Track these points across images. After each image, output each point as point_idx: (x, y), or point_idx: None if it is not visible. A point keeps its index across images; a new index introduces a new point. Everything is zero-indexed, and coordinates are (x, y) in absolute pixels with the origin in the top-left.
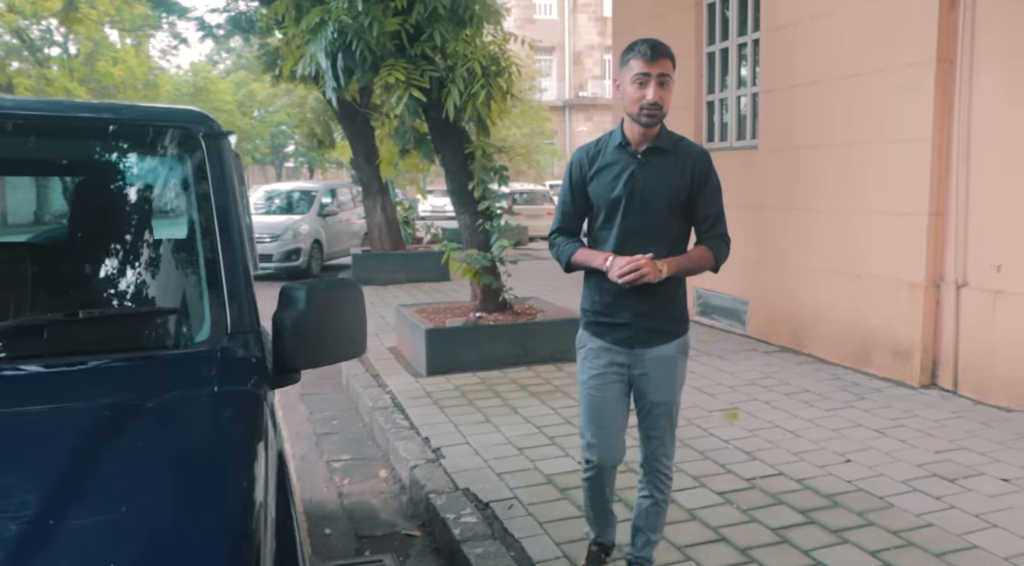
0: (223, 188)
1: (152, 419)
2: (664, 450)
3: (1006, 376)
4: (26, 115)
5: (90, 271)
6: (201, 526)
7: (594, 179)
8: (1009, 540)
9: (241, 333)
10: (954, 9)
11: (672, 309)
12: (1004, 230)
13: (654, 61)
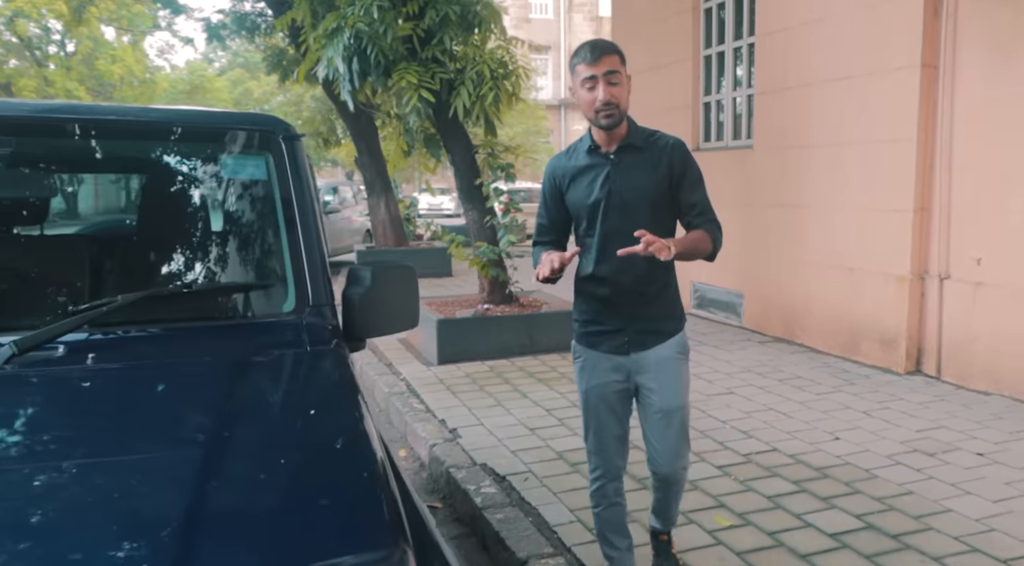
0: (300, 182)
1: (266, 369)
2: (680, 461)
3: (985, 362)
4: (137, 121)
5: (196, 253)
6: (342, 448)
7: (570, 187)
8: (981, 505)
9: (319, 305)
10: (937, 17)
11: (663, 307)
12: (984, 225)
13: (596, 61)
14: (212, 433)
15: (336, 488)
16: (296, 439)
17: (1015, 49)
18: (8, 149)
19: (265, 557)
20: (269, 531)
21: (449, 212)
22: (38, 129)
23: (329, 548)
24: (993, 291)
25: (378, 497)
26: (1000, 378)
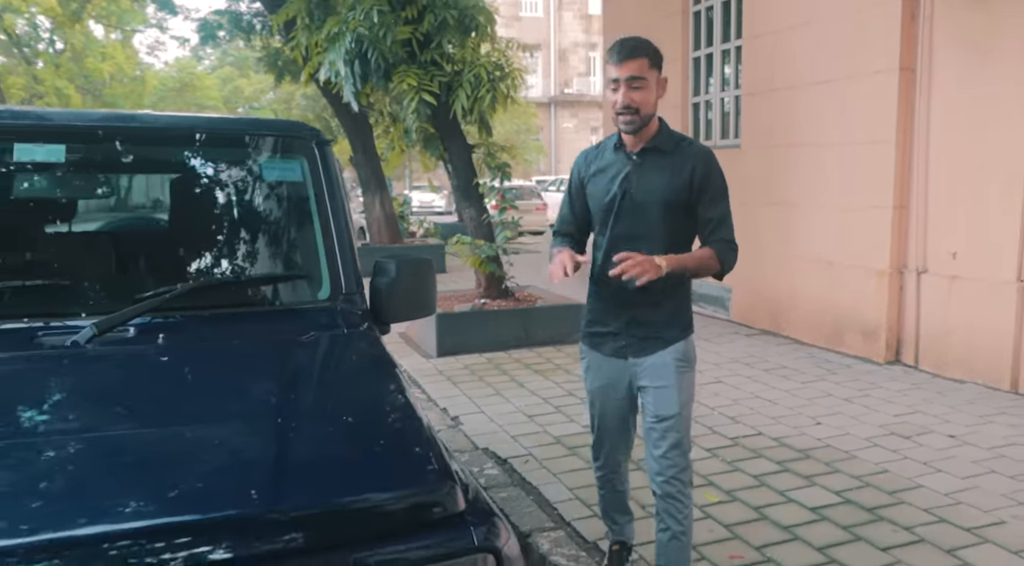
0: (332, 183)
1: (311, 347)
2: (675, 472)
3: (960, 352)
4: (186, 127)
5: (240, 247)
6: (392, 408)
7: (591, 182)
8: (950, 481)
9: (351, 293)
10: (914, 22)
11: (665, 314)
12: (958, 221)
13: (622, 63)
14: (279, 397)
15: (392, 438)
16: (352, 402)
17: (987, 51)
18: (78, 155)
19: (346, 490)
20: (346, 470)
21: (440, 210)
22: (108, 136)
23: (396, 483)
24: (967, 284)
25: (428, 445)
26: (974, 367)
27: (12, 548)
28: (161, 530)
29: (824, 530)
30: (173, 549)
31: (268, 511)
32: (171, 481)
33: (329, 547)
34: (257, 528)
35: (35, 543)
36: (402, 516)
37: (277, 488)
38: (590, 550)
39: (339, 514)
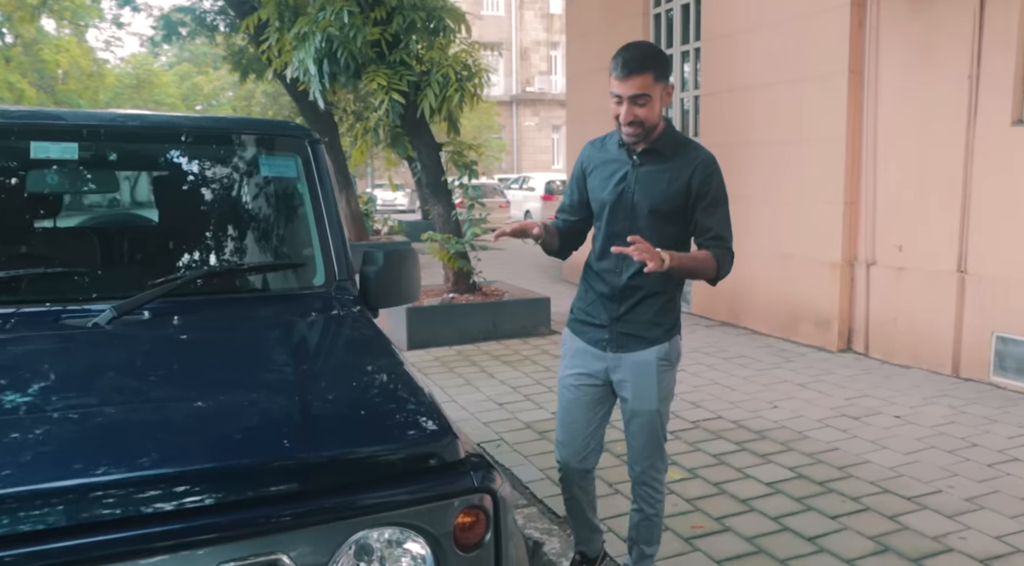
0: (323, 179)
1: (313, 325)
2: (650, 462)
3: (906, 339)
4: (189, 126)
5: (242, 237)
6: (394, 374)
7: (592, 174)
8: (894, 457)
9: (343, 279)
10: (862, 29)
11: (650, 314)
12: (904, 215)
13: (626, 79)
14: (292, 364)
15: (398, 398)
16: (357, 369)
17: (927, 56)
18: (89, 153)
19: (364, 440)
20: (362, 424)
21: (403, 208)
22: (119, 134)
23: (406, 435)
24: (912, 275)
25: (429, 404)
26: (918, 353)
27: (90, 485)
28: (205, 473)
29: (778, 502)
30: (216, 490)
31: (301, 456)
32: (208, 433)
33: (350, 488)
34: (291, 471)
35: (107, 481)
36: (412, 463)
37: (305, 438)
38: (561, 524)
39: (359, 460)
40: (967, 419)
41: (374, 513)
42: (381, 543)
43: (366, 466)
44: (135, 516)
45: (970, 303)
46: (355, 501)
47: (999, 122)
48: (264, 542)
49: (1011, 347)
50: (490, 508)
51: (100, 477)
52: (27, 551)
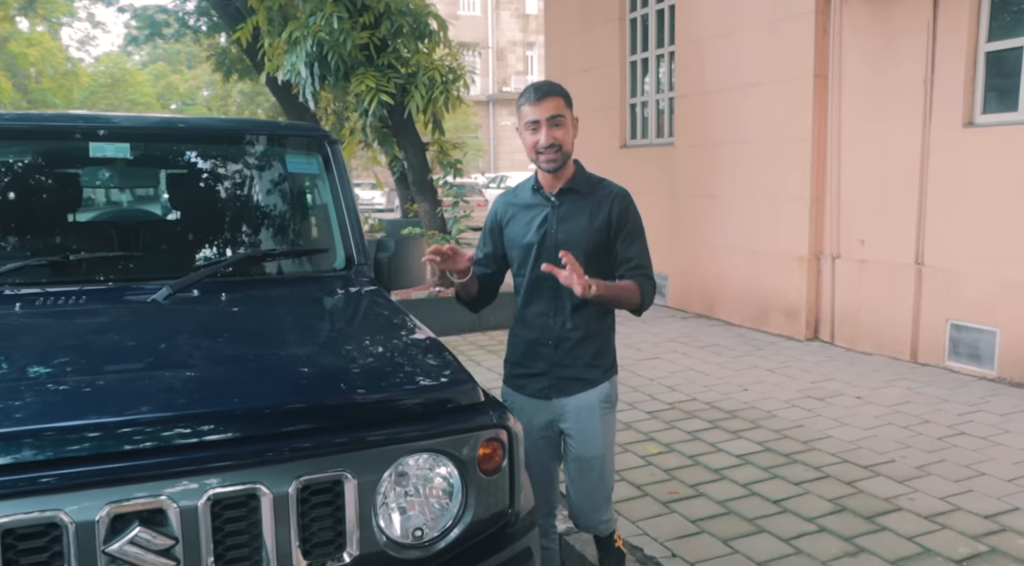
0: (341, 175)
1: (340, 300)
2: (597, 516)
3: (868, 328)
4: (224, 128)
5: (272, 226)
6: (415, 336)
7: (509, 223)
8: (854, 432)
9: (360, 264)
10: (826, 36)
11: (587, 356)
12: (866, 211)
13: (539, 102)
14: (332, 328)
15: (425, 354)
16: (385, 331)
17: (887, 62)
18: (141, 152)
19: (401, 386)
20: (399, 372)
21: (381, 207)
22: (167, 136)
23: (436, 381)
24: (874, 268)
25: (451, 358)
26: (880, 341)
27: (200, 415)
28: (286, 409)
29: (747, 471)
30: (295, 422)
31: (355, 397)
32: (278, 379)
33: (394, 423)
34: (349, 409)
35: (193, 414)
36: (443, 404)
37: (356, 384)
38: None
39: (400, 401)
40: (922, 399)
41: (413, 442)
42: (420, 467)
43: (406, 406)
44: (238, 438)
45: (927, 293)
46: (398, 433)
47: (951, 124)
48: (332, 462)
49: (963, 334)
50: (506, 440)
51: (207, 408)
52: (161, 460)
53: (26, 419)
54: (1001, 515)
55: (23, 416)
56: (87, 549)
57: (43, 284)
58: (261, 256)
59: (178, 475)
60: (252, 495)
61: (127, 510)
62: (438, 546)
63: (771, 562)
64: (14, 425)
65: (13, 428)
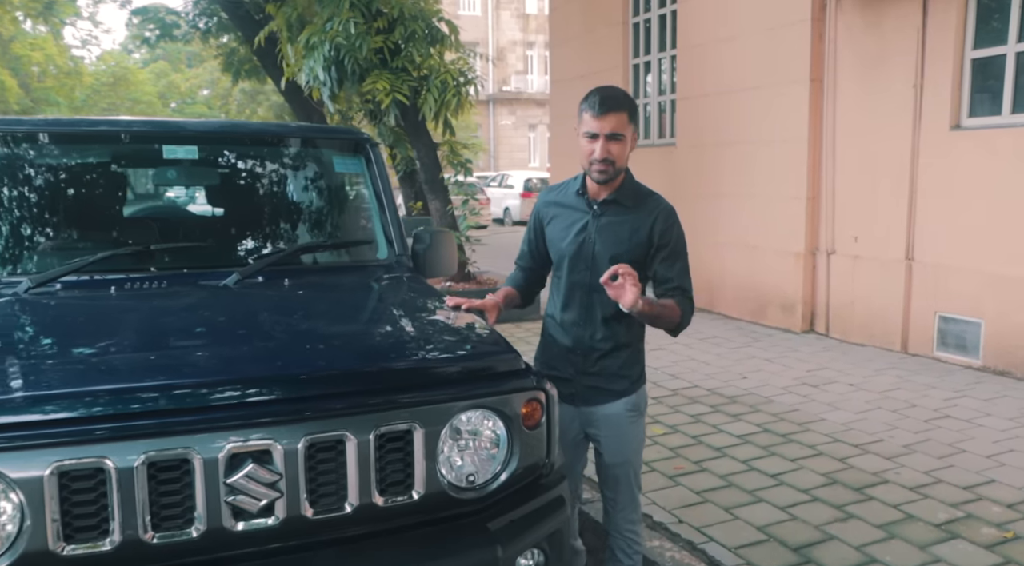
0: (382, 174)
1: (388, 285)
2: (624, 514)
3: (861, 320)
4: (281, 132)
5: (324, 220)
6: (457, 316)
7: (550, 223)
8: (846, 415)
9: (400, 254)
10: (822, 41)
11: (615, 367)
12: (859, 209)
13: (603, 117)
14: (388, 307)
15: (470, 328)
16: (431, 310)
17: (879, 67)
18: (207, 153)
19: (457, 354)
20: (453, 342)
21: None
22: (230, 139)
23: (486, 350)
24: (866, 263)
25: (493, 331)
26: (872, 332)
27: (280, 376)
28: (364, 372)
29: (746, 449)
30: (373, 383)
31: (420, 363)
32: (352, 347)
33: (452, 385)
34: (415, 372)
35: (294, 374)
36: (491, 368)
37: (418, 352)
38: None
39: (457, 365)
40: (911, 386)
41: (468, 400)
42: (473, 422)
43: (461, 370)
44: (329, 394)
45: (917, 287)
46: (456, 393)
47: (939, 127)
48: (403, 415)
49: (951, 325)
50: (544, 400)
51: (306, 370)
52: (269, 410)
53: (159, 376)
54: (979, 487)
55: (156, 374)
56: (212, 481)
57: (127, 271)
58: (315, 247)
59: (282, 423)
60: (340, 441)
61: (242, 450)
62: (488, 489)
63: (769, 526)
64: (152, 380)
65: (151, 382)
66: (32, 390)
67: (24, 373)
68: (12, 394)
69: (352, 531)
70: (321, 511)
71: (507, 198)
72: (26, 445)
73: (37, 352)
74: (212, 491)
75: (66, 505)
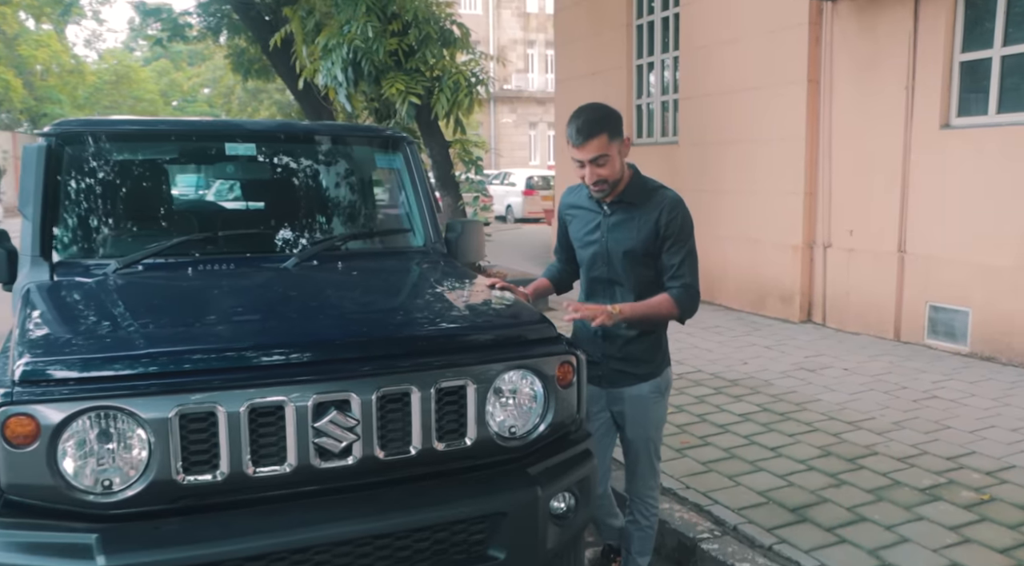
0: (419, 169)
1: (429, 267)
2: (644, 482)
3: (856, 310)
4: (330, 131)
5: (370, 211)
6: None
7: (571, 222)
8: (841, 396)
9: (436, 242)
10: (819, 45)
11: (638, 352)
12: (854, 204)
13: (583, 146)
14: (433, 284)
15: (507, 302)
16: (471, 287)
17: (873, 69)
18: (263, 150)
19: (500, 322)
20: (494, 313)
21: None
22: (283, 137)
23: (523, 319)
24: (861, 256)
25: (527, 305)
26: (867, 322)
27: (358, 340)
28: (424, 336)
29: (748, 426)
30: (430, 345)
31: (470, 329)
32: (407, 316)
33: (496, 348)
34: (466, 338)
35: (368, 337)
36: (528, 335)
37: (466, 321)
38: None
39: (500, 332)
40: (902, 371)
41: (511, 361)
42: (515, 380)
43: (505, 336)
44: (398, 354)
45: (908, 278)
46: (501, 355)
47: (930, 126)
48: (458, 373)
49: (941, 314)
50: (575, 363)
51: (378, 334)
52: (349, 367)
53: (258, 338)
54: (961, 457)
55: (254, 337)
56: (302, 424)
57: (198, 255)
58: (362, 234)
59: (359, 377)
60: (406, 393)
61: (326, 399)
62: (528, 438)
63: (768, 491)
64: (252, 341)
65: (253, 343)
66: (156, 348)
67: (145, 335)
68: (141, 350)
69: (415, 471)
70: (390, 453)
71: (509, 195)
72: (155, 392)
73: (149, 319)
74: (302, 433)
75: (185, 442)
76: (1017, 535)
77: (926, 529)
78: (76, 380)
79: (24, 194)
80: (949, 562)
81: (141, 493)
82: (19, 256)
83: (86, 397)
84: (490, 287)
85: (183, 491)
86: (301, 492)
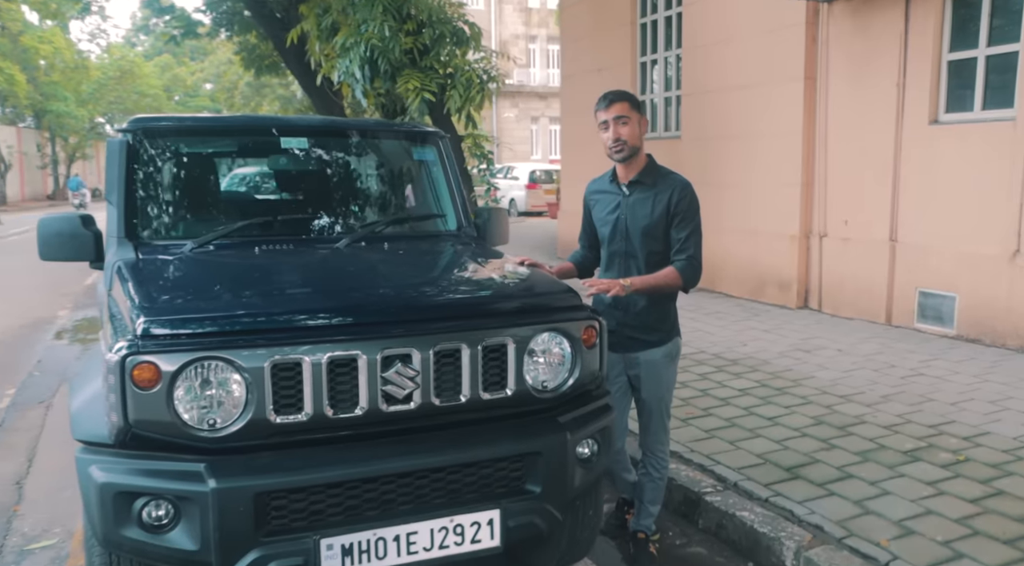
0: (452, 161)
1: (465, 248)
2: (656, 437)
3: (850, 297)
4: (374, 127)
5: (407, 198)
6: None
7: (594, 207)
8: (834, 374)
9: (467, 226)
10: (815, 43)
11: (650, 321)
12: (848, 195)
13: (609, 106)
14: (471, 260)
15: (539, 276)
16: (503, 263)
17: (867, 67)
18: (314, 144)
19: (534, 291)
20: (530, 287)
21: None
22: (331, 131)
23: (556, 291)
24: (855, 244)
25: (555, 278)
26: (860, 307)
27: (418, 305)
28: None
29: (746, 400)
30: (478, 309)
31: (509, 297)
32: (453, 287)
33: (531, 314)
34: (507, 305)
35: (427, 302)
36: (557, 302)
37: (505, 291)
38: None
39: (534, 300)
40: (892, 352)
41: (543, 324)
42: (547, 341)
43: (538, 303)
44: (452, 316)
45: (899, 265)
46: (535, 318)
47: (920, 121)
48: (500, 333)
49: (930, 299)
50: (598, 327)
51: (435, 299)
52: (411, 327)
53: (333, 302)
54: (941, 425)
55: (330, 300)
56: (372, 374)
57: (260, 236)
58: (405, 218)
59: (419, 335)
60: (457, 350)
61: (392, 353)
62: (559, 392)
63: (765, 454)
64: (330, 303)
65: (331, 304)
66: (252, 309)
67: (239, 299)
68: (239, 311)
69: (465, 417)
70: (444, 400)
71: (512, 189)
72: (253, 345)
73: (238, 286)
74: (372, 382)
75: (276, 388)
76: (986, 488)
77: (906, 484)
78: (188, 335)
79: (109, 183)
80: (924, 510)
81: (240, 430)
82: (105, 238)
83: (197, 349)
84: (519, 264)
85: (274, 429)
86: (370, 432)
